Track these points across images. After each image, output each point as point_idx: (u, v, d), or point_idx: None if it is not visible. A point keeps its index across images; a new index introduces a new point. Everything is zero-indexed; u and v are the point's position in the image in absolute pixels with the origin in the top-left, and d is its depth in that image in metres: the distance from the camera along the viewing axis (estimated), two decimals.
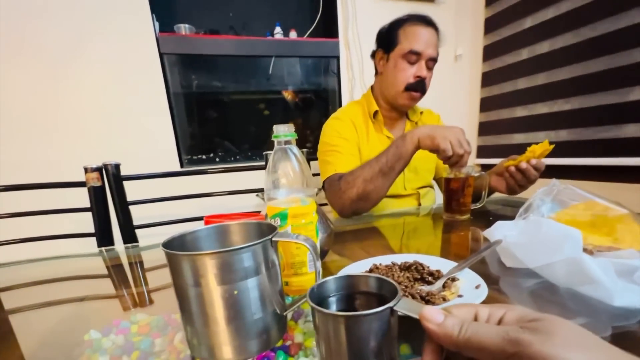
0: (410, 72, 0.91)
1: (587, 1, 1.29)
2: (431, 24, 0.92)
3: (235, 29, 1.53)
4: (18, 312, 0.49)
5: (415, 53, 0.90)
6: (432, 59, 0.92)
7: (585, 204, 0.55)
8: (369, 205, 0.82)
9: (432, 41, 0.91)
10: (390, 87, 0.95)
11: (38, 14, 1.19)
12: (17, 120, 1.23)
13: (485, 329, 0.20)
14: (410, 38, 0.90)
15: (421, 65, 0.91)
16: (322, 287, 0.28)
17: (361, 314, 0.23)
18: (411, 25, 0.91)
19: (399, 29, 0.92)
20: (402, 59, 0.91)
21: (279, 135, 0.42)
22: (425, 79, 0.93)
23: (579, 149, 1.38)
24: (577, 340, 0.18)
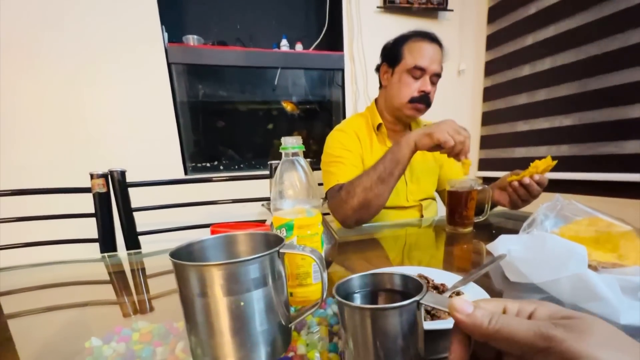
0: (415, 87, 0.93)
1: (587, 21, 1.32)
2: (435, 41, 0.94)
3: (243, 41, 1.56)
4: (19, 316, 0.49)
5: (419, 69, 0.91)
6: (436, 74, 0.94)
7: (588, 219, 0.55)
8: (371, 213, 0.82)
9: (436, 57, 0.93)
10: (395, 100, 0.97)
11: (51, 23, 1.22)
12: (26, 125, 1.25)
13: (517, 321, 0.20)
14: (415, 54, 0.92)
15: (425, 80, 0.93)
16: (347, 284, 0.29)
17: (389, 306, 0.23)
18: (416, 41, 0.93)
19: (404, 44, 0.94)
20: (407, 73, 0.93)
21: (287, 147, 0.43)
22: (430, 94, 0.94)
23: (580, 164, 1.39)
24: (611, 340, 0.18)
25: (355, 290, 0.29)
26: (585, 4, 1.32)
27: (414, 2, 1.66)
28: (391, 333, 0.24)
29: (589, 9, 1.31)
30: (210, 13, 1.54)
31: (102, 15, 1.27)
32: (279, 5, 1.63)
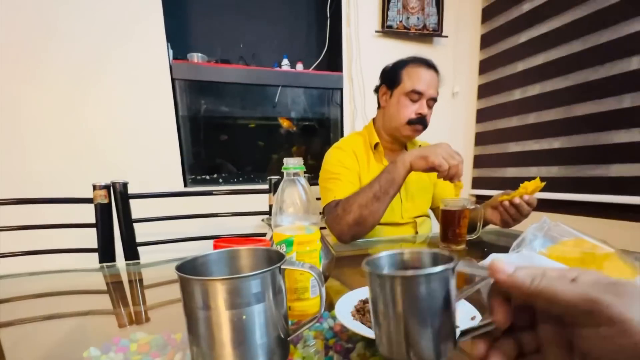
0: (412, 109, 0.97)
1: (573, 51, 1.40)
2: (433, 67, 0.99)
3: (245, 59, 1.62)
4: (17, 325, 0.49)
5: (417, 92, 0.96)
6: (433, 98, 0.98)
7: (574, 240, 0.58)
8: (366, 230, 0.85)
9: (433, 82, 0.97)
10: (393, 120, 1.01)
11: (57, 35, 1.26)
12: (31, 136, 1.27)
13: (561, 282, 0.20)
14: (414, 78, 0.96)
15: (422, 104, 0.97)
16: (375, 262, 0.29)
17: (421, 273, 0.22)
18: (414, 66, 0.97)
19: (402, 68, 0.99)
20: (405, 96, 0.97)
21: (289, 167, 0.46)
22: (426, 116, 0.99)
23: (568, 185, 1.44)
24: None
25: (384, 269, 0.29)
26: (570, 36, 1.40)
27: (411, 28, 1.73)
28: (424, 301, 0.23)
29: (574, 41, 1.39)
30: (215, 32, 1.59)
31: (110, 30, 1.31)
32: (281, 26, 1.69)
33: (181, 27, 1.53)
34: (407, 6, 1.71)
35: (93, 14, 1.28)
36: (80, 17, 1.27)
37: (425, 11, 1.74)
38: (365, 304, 0.44)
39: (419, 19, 1.74)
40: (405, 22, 1.72)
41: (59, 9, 1.24)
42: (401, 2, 1.70)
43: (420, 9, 1.73)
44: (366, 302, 0.45)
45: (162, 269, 0.73)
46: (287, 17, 1.70)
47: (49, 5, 1.23)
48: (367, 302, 0.45)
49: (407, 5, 1.71)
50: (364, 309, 0.43)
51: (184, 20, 1.54)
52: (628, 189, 1.23)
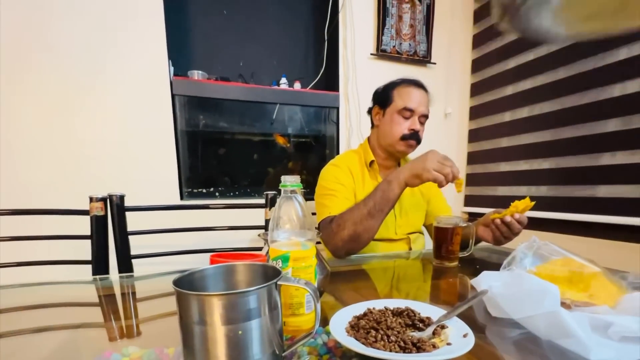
0: (405, 125, 1.01)
1: (561, 77, 1.47)
2: (422, 87, 1.03)
3: (244, 77, 1.66)
4: (8, 337, 0.48)
5: (409, 109, 1.00)
6: (424, 115, 1.02)
7: (562, 260, 0.59)
8: (360, 246, 0.86)
9: (423, 101, 1.02)
10: (388, 137, 1.04)
11: (60, 49, 1.28)
12: (30, 147, 1.27)
13: None
14: (405, 97, 1.01)
15: (414, 120, 1.01)
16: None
17: None
18: (404, 86, 1.02)
19: (393, 89, 1.03)
20: (397, 114, 1.01)
21: (286, 185, 0.47)
22: (419, 132, 1.02)
23: (557, 205, 1.47)
24: None
25: None
26: (557, 64, 1.48)
27: (403, 53, 1.81)
28: None
29: (560, 68, 1.46)
30: (216, 51, 1.64)
31: (113, 45, 1.34)
32: (280, 47, 1.75)
33: (183, 45, 1.58)
34: (400, 32, 1.80)
35: (97, 30, 1.31)
36: (83, 32, 1.30)
37: (416, 39, 1.83)
38: (360, 320, 0.45)
39: (410, 45, 1.82)
40: (398, 47, 1.80)
41: (62, 24, 1.27)
42: (394, 29, 1.78)
43: (412, 36, 1.82)
44: (361, 318, 0.46)
45: (155, 282, 0.72)
46: (287, 39, 1.76)
47: (50, 20, 1.26)
48: (362, 318, 0.46)
49: (400, 31, 1.80)
50: (359, 325, 0.44)
51: (186, 38, 1.59)
52: (615, 210, 1.27)
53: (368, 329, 0.42)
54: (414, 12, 1.80)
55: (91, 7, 1.30)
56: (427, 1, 1.82)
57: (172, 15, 1.44)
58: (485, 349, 0.43)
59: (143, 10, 1.36)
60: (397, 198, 0.84)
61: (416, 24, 1.81)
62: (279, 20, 1.73)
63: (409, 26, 1.80)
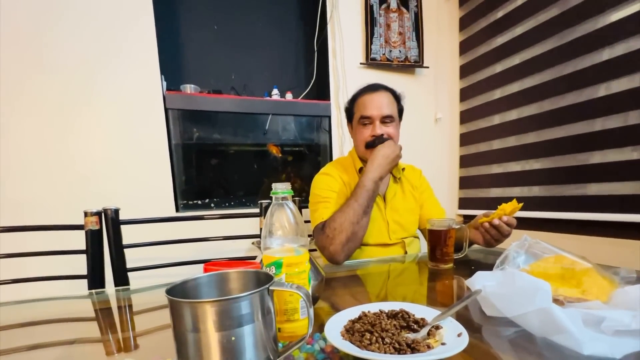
0: (367, 133, 1.02)
1: (546, 79, 1.50)
2: (379, 89, 1.04)
3: (237, 90, 1.68)
4: (4, 355, 0.48)
5: (366, 117, 1.02)
6: (386, 116, 1.01)
7: (554, 257, 0.60)
8: (357, 245, 0.90)
9: (381, 103, 1.01)
10: (357, 149, 1.08)
11: (54, 65, 1.29)
12: (24, 162, 1.27)
13: None
14: (360, 106, 1.04)
15: (375, 125, 1.01)
16: None
17: None
18: (361, 96, 1.05)
19: (354, 103, 1.07)
20: (359, 124, 1.04)
21: (277, 192, 0.48)
22: (383, 135, 1.01)
23: (549, 204, 1.49)
24: None
25: None
26: (542, 66, 1.51)
27: (393, 60, 1.84)
28: None
29: (546, 70, 1.50)
30: (208, 64, 1.66)
31: (106, 62, 1.35)
32: (271, 59, 1.78)
33: (175, 60, 1.59)
34: (389, 41, 1.83)
35: (90, 47, 1.33)
36: (77, 49, 1.31)
37: (406, 45, 1.86)
38: (355, 324, 0.45)
39: (400, 52, 1.86)
40: (388, 55, 1.83)
41: (56, 42, 1.28)
42: (383, 37, 1.82)
43: (402, 42, 1.85)
44: (355, 322, 0.46)
45: (152, 294, 0.72)
46: (277, 50, 1.79)
47: (44, 38, 1.27)
48: (357, 321, 0.46)
49: (389, 40, 1.83)
50: (354, 328, 0.44)
51: (178, 53, 1.61)
52: (605, 207, 1.28)
53: (363, 332, 0.42)
54: (402, 19, 1.84)
55: (84, 24, 1.31)
56: (414, 9, 1.87)
57: (164, 30, 1.46)
58: (481, 348, 0.43)
59: (135, 27, 1.38)
60: (377, 190, 0.95)
61: (405, 31, 1.85)
62: (269, 33, 1.76)
63: (397, 34, 1.84)
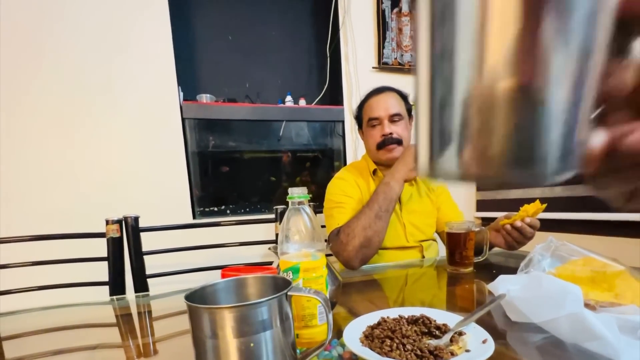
0: (377, 134, 1.02)
1: None
2: (384, 90, 1.05)
3: (251, 98, 1.71)
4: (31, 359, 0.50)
5: (374, 119, 1.02)
6: (394, 115, 1.01)
7: (583, 259, 0.57)
8: (373, 251, 0.86)
9: (387, 103, 1.01)
10: (370, 153, 1.08)
11: (77, 79, 1.35)
12: (48, 173, 1.33)
13: None
14: (367, 110, 1.04)
15: (384, 125, 1.00)
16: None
17: None
18: (367, 100, 1.06)
19: (362, 108, 1.08)
20: (368, 126, 1.04)
21: (294, 197, 0.48)
22: (393, 134, 1.00)
23: (573, 204, 1.43)
24: None
25: None
26: None
27: (405, 64, 1.84)
28: None
29: None
30: (222, 74, 1.70)
31: (126, 75, 1.41)
32: (284, 66, 1.80)
33: (191, 71, 1.64)
34: (401, 45, 1.83)
35: (109, 61, 1.38)
36: (97, 61, 1.37)
37: None
38: (374, 330, 0.44)
39: (412, 56, 1.84)
40: (400, 59, 1.83)
41: (75, 52, 1.34)
42: (395, 42, 1.82)
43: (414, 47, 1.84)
44: (375, 328, 0.45)
45: (171, 301, 0.73)
46: (290, 57, 1.81)
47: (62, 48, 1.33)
48: (376, 327, 0.45)
49: (401, 44, 1.83)
50: (373, 334, 0.43)
51: (194, 64, 1.66)
52: None
53: (383, 338, 0.41)
54: (414, 23, 1.83)
55: (104, 39, 1.37)
56: None
57: (180, 42, 1.51)
58: (508, 355, 0.42)
59: (153, 40, 1.44)
60: (398, 196, 0.88)
61: None
62: (282, 41, 1.79)
63: (409, 37, 1.83)
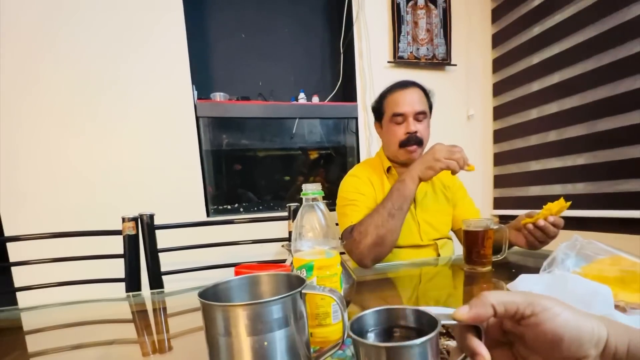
0: (400, 131, 0.98)
1: (590, 68, 1.39)
2: (410, 85, 1.00)
3: (264, 96, 1.71)
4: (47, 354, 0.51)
5: (399, 115, 0.98)
6: (420, 112, 0.98)
7: (611, 258, 0.54)
8: (386, 250, 0.84)
9: (413, 99, 0.97)
10: (389, 149, 1.04)
11: (97, 82, 1.39)
12: (66, 173, 1.37)
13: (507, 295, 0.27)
14: (392, 104, 0.99)
15: (408, 122, 0.97)
16: (361, 321, 0.29)
17: (404, 344, 0.24)
18: (392, 93, 1.01)
19: (384, 100, 1.03)
20: (390, 122, 1.00)
21: (308, 193, 0.47)
22: (417, 132, 0.97)
23: (596, 202, 1.37)
24: None
25: (370, 328, 0.30)
26: (585, 55, 1.40)
27: (421, 58, 1.80)
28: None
29: (589, 59, 1.39)
30: (235, 72, 1.71)
31: (140, 74, 1.44)
32: (297, 63, 1.80)
33: (205, 69, 1.66)
34: (417, 38, 1.79)
35: (124, 61, 1.41)
36: (112, 62, 1.40)
37: (434, 42, 1.81)
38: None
39: (428, 50, 1.81)
40: (416, 53, 1.79)
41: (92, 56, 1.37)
42: (411, 35, 1.78)
43: (429, 40, 1.80)
44: None
45: (185, 297, 0.74)
46: (303, 55, 1.81)
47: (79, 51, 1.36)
48: None
49: (417, 37, 1.79)
50: None
51: (207, 62, 1.67)
52: None
53: None
54: (430, 16, 1.79)
55: (119, 40, 1.40)
56: (442, 5, 1.81)
57: (195, 42, 1.53)
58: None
59: (168, 40, 1.46)
60: (413, 194, 0.84)
61: (433, 28, 1.80)
62: (294, 38, 1.78)
63: (425, 31, 1.79)
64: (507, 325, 0.29)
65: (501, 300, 0.27)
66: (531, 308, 0.26)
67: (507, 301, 0.26)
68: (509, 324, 0.29)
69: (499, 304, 0.26)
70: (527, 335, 0.27)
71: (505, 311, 0.27)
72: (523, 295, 0.27)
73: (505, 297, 0.27)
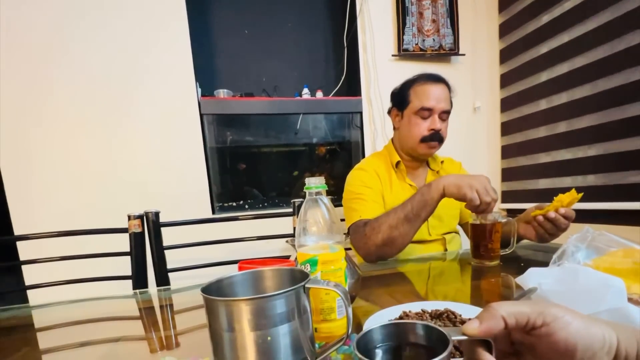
0: (424, 126, 0.96)
1: (600, 57, 1.35)
2: (440, 80, 0.98)
3: (268, 92, 1.71)
4: (56, 351, 0.51)
5: (427, 109, 0.95)
6: (445, 111, 0.96)
7: (623, 250, 0.53)
8: (394, 251, 0.82)
9: (442, 96, 0.96)
10: (408, 140, 1.00)
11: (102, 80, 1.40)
12: (70, 170, 1.39)
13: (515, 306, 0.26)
14: (421, 96, 0.96)
15: (434, 119, 0.95)
16: (367, 337, 0.28)
17: None
18: (421, 84, 0.97)
19: (410, 88, 0.99)
20: (415, 115, 0.97)
21: (311, 187, 0.46)
22: (440, 130, 0.96)
23: (607, 194, 1.34)
24: None
25: (377, 344, 0.28)
26: (595, 43, 1.36)
27: (427, 50, 1.77)
28: None
29: (599, 47, 1.35)
30: (239, 69, 1.71)
31: (144, 73, 1.44)
32: (301, 58, 1.79)
33: (208, 66, 1.66)
34: (422, 29, 1.76)
35: (128, 60, 1.42)
36: (116, 61, 1.41)
37: (440, 32, 1.78)
38: None
39: (434, 40, 1.77)
40: (421, 45, 1.76)
41: (95, 53, 1.38)
42: (416, 27, 1.75)
43: (435, 30, 1.77)
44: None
45: (191, 294, 0.74)
46: (306, 50, 1.79)
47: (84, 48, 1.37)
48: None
49: (422, 28, 1.76)
50: None
51: (211, 59, 1.67)
52: None
53: None
54: (435, 6, 1.76)
55: (123, 38, 1.41)
56: None
57: (197, 39, 1.53)
58: None
59: (170, 38, 1.46)
60: (436, 204, 0.78)
61: (439, 19, 1.77)
62: (297, 33, 1.77)
63: (431, 21, 1.76)
64: (515, 336, 0.28)
65: (511, 311, 0.26)
66: (542, 318, 0.25)
67: (517, 312, 0.26)
68: (518, 335, 0.28)
69: (509, 315, 0.26)
70: (538, 345, 0.26)
71: (517, 322, 0.26)
72: (532, 305, 0.26)
73: (514, 307, 0.26)
